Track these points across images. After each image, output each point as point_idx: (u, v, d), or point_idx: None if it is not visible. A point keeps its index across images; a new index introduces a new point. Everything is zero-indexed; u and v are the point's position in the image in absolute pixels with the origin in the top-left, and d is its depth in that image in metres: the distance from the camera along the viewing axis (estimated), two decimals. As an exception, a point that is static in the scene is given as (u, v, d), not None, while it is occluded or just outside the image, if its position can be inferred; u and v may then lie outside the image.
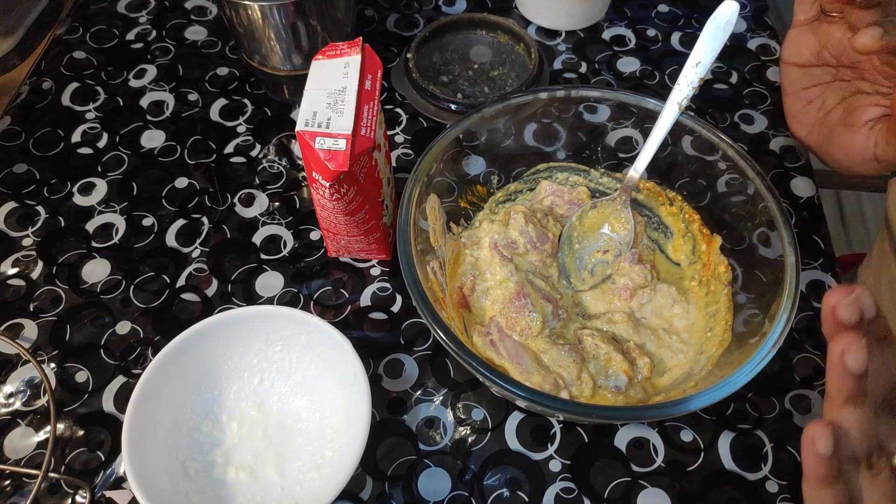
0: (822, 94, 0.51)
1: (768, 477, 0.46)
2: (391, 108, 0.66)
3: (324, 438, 0.46)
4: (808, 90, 0.52)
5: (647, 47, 0.72)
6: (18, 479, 0.47)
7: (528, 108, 0.53)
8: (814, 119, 0.52)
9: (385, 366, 0.51)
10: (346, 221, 0.49)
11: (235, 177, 0.62)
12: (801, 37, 0.51)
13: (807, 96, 0.52)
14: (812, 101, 0.52)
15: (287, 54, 0.61)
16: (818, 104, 0.51)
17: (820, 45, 0.50)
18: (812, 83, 0.51)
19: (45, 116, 0.66)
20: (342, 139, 0.43)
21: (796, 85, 0.52)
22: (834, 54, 0.49)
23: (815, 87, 0.52)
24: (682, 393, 0.44)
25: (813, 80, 0.51)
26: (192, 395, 0.47)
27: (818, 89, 0.51)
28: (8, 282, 0.55)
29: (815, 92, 0.52)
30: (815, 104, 0.52)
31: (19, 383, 0.51)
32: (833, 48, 0.49)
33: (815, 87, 0.51)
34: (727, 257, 0.51)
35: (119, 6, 0.75)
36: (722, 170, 0.51)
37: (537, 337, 0.48)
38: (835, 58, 0.49)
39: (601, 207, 0.54)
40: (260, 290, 0.55)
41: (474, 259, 0.52)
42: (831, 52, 0.49)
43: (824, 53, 0.50)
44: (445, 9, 0.75)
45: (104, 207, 0.60)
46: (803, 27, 0.50)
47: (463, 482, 0.46)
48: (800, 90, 0.52)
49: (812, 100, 0.52)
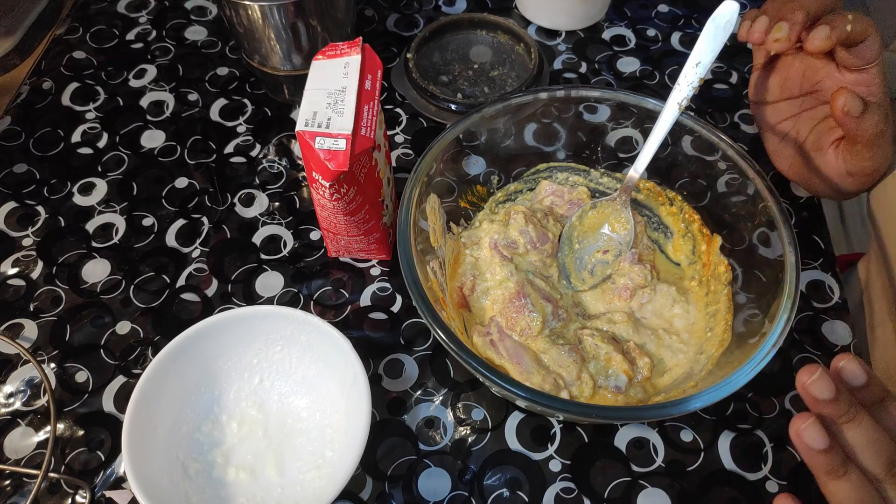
0: (795, 126, 0.54)
1: (768, 477, 0.47)
2: (391, 108, 0.66)
3: (324, 438, 0.46)
4: (781, 125, 0.54)
5: (647, 47, 0.72)
6: (18, 479, 0.47)
7: (528, 108, 0.53)
8: (792, 151, 0.54)
9: (385, 366, 0.51)
10: (346, 221, 0.49)
11: (235, 177, 0.62)
12: (763, 76, 0.54)
13: (781, 131, 0.55)
14: (787, 134, 0.54)
15: (287, 54, 0.61)
16: (793, 137, 0.54)
17: (781, 78, 0.52)
18: (783, 118, 0.54)
19: (45, 116, 0.66)
20: (342, 139, 0.43)
21: (769, 122, 0.55)
22: (796, 84, 0.52)
23: (786, 121, 0.54)
24: (682, 393, 0.44)
25: (783, 115, 0.54)
26: (192, 395, 0.47)
27: (789, 122, 0.54)
28: (8, 282, 0.55)
29: (788, 125, 0.54)
30: (790, 137, 0.54)
31: (19, 383, 0.51)
32: (794, 79, 0.52)
33: (786, 120, 0.54)
34: (727, 257, 0.51)
35: (119, 6, 0.75)
36: (722, 170, 0.51)
37: (537, 337, 0.48)
38: (797, 88, 0.52)
39: (601, 207, 0.54)
40: (260, 290, 0.55)
41: (474, 259, 0.52)
42: (793, 83, 0.52)
43: (787, 85, 0.52)
44: (445, 9, 0.75)
45: (104, 207, 0.60)
46: (765, 68, 0.53)
47: (463, 482, 0.46)
48: (773, 126, 0.55)
49: (786, 133, 0.54)
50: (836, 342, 0.52)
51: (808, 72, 0.51)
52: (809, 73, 0.51)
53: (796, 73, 0.51)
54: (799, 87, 0.52)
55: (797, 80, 0.52)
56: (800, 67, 0.51)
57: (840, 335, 0.53)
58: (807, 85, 0.51)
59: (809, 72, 0.51)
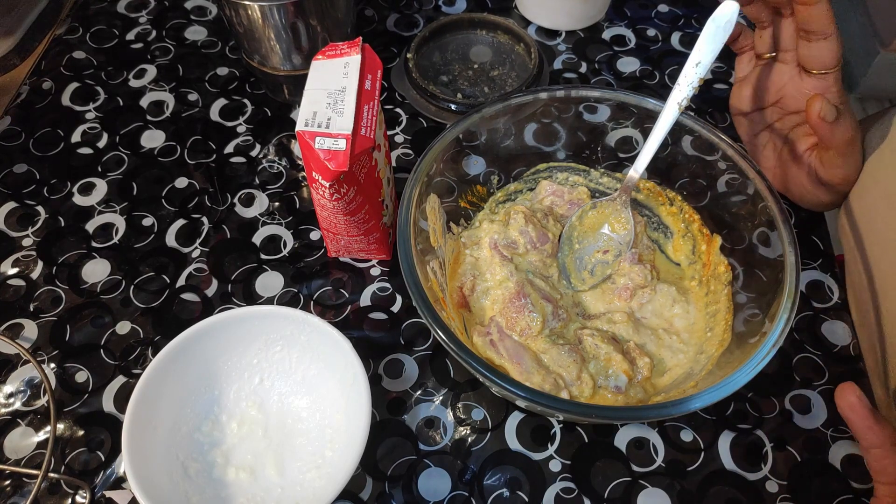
0: (771, 137, 0.56)
1: (768, 477, 0.46)
2: (391, 108, 0.66)
3: (324, 438, 0.46)
4: (759, 136, 0.57)
5: (647, 47, 0.72)
6: (18, 479, 0.47)
7: (528, 108, 0.53)
8: (773, 163, 0.56)
9: (385, 366, 0.51)
10: (346, 221, 0.49)
11: (235, 177, 0.62)
12: (740, 88, 0.56)
13: (760, 143, 0.57)
14: (766, 145, 0.56)
15: (287, 54, 0.61)
16: (771, 147, 0.56)
17: (753, 89, 0.55)
18: (759, 129, 0.56)
19: (45, 116, 0.66)
20: (342, 139, 0.43)
21: (748, 133, 0.57)
22: (765, 93, 0.54)
23: (763, 133, 0.56)
24: (682, 393, 0.44)
25: (758, 126, 0.56)
26: (192, 395, 0.47)
27: (766, 133, 0.56)
28: (8, 282, 0.55)
29: (765, 137, 0.56)
30: (769, 148, 0.56)
31: (19, 383, 0.51)
32: (763, 88, 0.54)
33: (763, 131, 0.56)
34: (727, 257, 0.51)
35: (119, 6, 0.75)
36: (722, 170, 0.51)
37: (537, 337, 0.48)
38: (766, 97, 0.54)
39: (601, 207, 0.54)
40: (260, 290, 0.55)
41: (474, 259, 0.52)
42: (763, 91, 0.54)
43: (758, 95, 0.55)
44: (445, 9, 0.75)
45: (104, 207, 0.60)
46: (742, 80, 0.56)
47: (463, 482, 0.46)
48: (753, 137, 0.57)
49: (765, 144, 0.56)
50: (836, 342, 0.52)
51: (774, 77, 0.53)
52: (776, 79, 0.53)
53: (770, 84, 0.53)
54: (767, 96, 0.54)
55: (766, 89, 0.54)
56: (772, 79, 0.53)
57: (840, 335, 0.53)
58: (773, 91, 0.53)
59: (776, 77, 0.53)
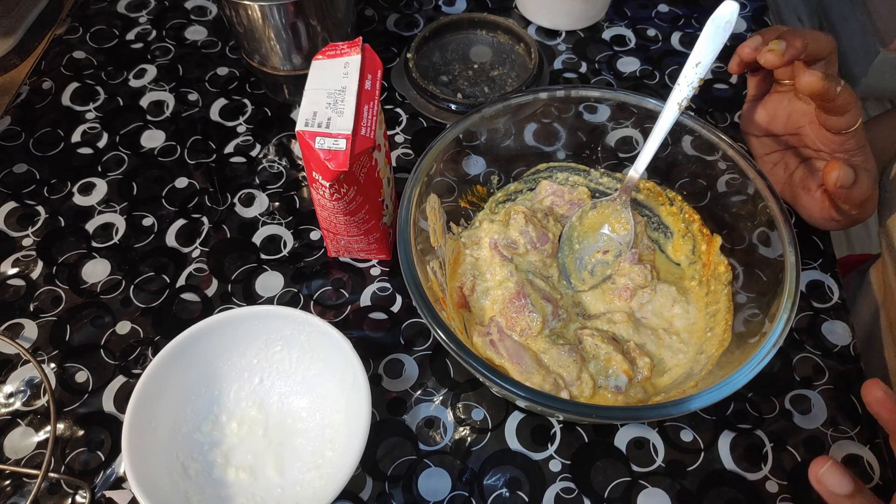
0: (783, 157, 0.55)
1: (768, 477, 0.46)
2: (391, 108, 0.66)
3: (324, 438, 0.46)
4: (770, 155, 0.56)
5: (647, 47, 0.72)
6: (18, 479, 0.47)
7: (528, 108, 0.53)
8: (782, 179, 0.56)
9: (385, 366, 0.51)
10: (346, 221, 0.49)
11: (235, 177, 0.62)
12: (752, 110, 0.55)
13: (771, 161, 0.56)
14: (776, 163, 0.56)
15: (287, 54, 0.61)
16: (782, 166, 0.56)
17: (768, 115, 0.54)
18: (770, 150, 0.56)
19: (45, 116, 0.66)
20: (342, 139, 0.43)
21: (759, 151, 0.57)
22: (780, 124, 0.53)
23: (774, 153, 0.56)
24: (682, 393, 0.44)
25: (770, 148, 0.56)
26: (192, 395, 0.47)
27: (778, 154, 0.56)
28: (8, 282, 0.55)
29: (777, 157, 0.56)
30: (780, 166, 0.56)
31: (19, 383, 0.51)
32: (779, 118, 0.53)
33: (774, 153, 0.56)
34: (727, 257, 0.51)
35: (119, 6, 0.75)
36: (722, 170, 0.51)
37: (537, 337, 0.48)
38: (782, 127, 0.53)
39: (601, 207, 0.54)
40: (260, 290, 0.55)
41: (474, 259, 0.52)
42: (779, 122, 0.53)
43: (773, 124, 0.54)
44: (445, 9, 0.75)
45: (104, 207, 0.60)
46: (755, 101, 0.55)
47: (463, 482, 0.46)
48: (763, 155, 0.57)
49: (776, 163, 0.56)
50: (836, 342, 0.52)
51: (793, 115, 0.52)
52: (794, 117, 0.52)
53: (782, 113, 0.53)
54: (783, 127, 0.53)
55: (782, 121, 0.53)
56: (786, 109, 0.52)
57: (840, 335, 0.53)
58: (791, 127, 0.53)
59: (795, 115, 0.52)
